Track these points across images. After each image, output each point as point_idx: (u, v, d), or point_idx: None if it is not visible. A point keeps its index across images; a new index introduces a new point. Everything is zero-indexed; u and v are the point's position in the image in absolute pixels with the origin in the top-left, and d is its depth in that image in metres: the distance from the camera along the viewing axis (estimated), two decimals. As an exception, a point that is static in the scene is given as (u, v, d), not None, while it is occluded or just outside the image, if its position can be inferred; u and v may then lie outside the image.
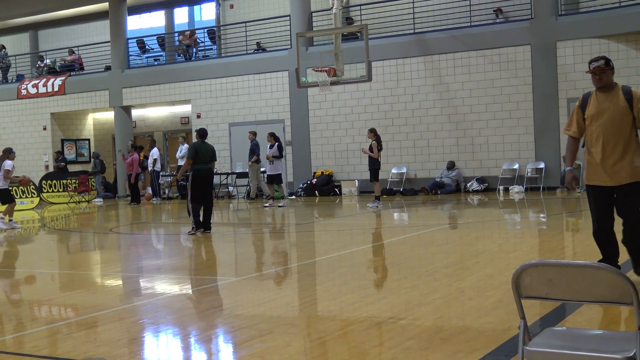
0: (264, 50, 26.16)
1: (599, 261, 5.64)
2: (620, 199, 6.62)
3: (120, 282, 9.08)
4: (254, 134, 21.28)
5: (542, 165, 20.65)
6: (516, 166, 20.88)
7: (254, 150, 21.00)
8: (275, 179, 19.57)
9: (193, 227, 13.18)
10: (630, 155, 6.54)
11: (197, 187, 13.18)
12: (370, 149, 17.47)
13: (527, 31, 20.85)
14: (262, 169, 21.86)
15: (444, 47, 21.96)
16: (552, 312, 5.76)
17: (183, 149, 24.64)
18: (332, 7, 19.39)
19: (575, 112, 6.80)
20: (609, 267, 3.09)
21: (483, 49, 21.48)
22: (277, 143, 19.41)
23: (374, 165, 17.50)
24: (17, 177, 16.69)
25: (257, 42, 26.43)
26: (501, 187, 21.04)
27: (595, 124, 6.61)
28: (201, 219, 13.24)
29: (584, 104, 6.75)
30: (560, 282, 3.20)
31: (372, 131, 17.71)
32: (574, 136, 6.81)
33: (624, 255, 7.00)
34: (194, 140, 13.95)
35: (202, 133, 13.58)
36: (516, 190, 20.45)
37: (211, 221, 13.48)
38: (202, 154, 13.18)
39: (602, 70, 6.63)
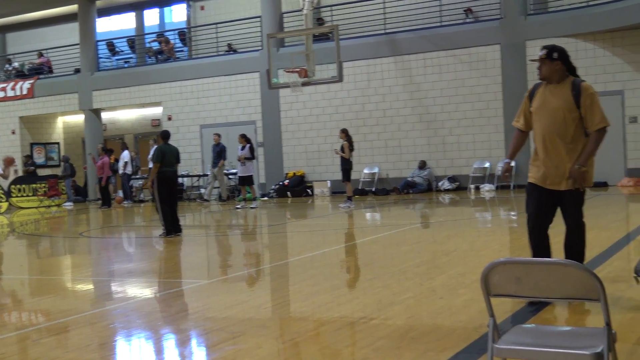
0: (235, 51, 26.08)
1: None
2: (563, 205, 6.09)
3: (90, 286, 9.00)
4: (219, 136, 21.27)
5: (512, 164, 20.74)
6: (487, 165, 21.02)
7: (221, 153, 20.99)
8: (246, 181, 19.50)
9: (164, 231, 13.13)
10: (575, 156, 5.89)
11: (163, 189, 13.12)
12: (342, 149, 17.51)
13: (497, 31, 21.00)
14: (225, 171, 21.88)
15: (414, 47, 22.04)
16: (522, 310, 5.79)
17: (153, 151, 24.52)
18: (302, 8, 19.39)
19: (523, 102, 6.22)
20: (576, 264, 3.11)
21: (453, 48, 21.61)
22: (248, 144, 19.36)
23: (346, 166, 17.55)
24: None
25: (228, 44, 26.34)
26: (472, 186, 21.17)
27: (539, 120, 6.02)
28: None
29: (532, 94, 6.15)
30: (529, 280, 3.22)
31: (344, 131, 17.76)
32: (520, 129, 6.21)
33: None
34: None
35: (166, 135, 13.57)
36: (487, 189, 20.59)
37: (180, 223, 13.45)
38: (168, 157, 13.14)
39: (541, 61, 5.98)
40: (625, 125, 19.99)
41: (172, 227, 13.16)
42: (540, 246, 6.17)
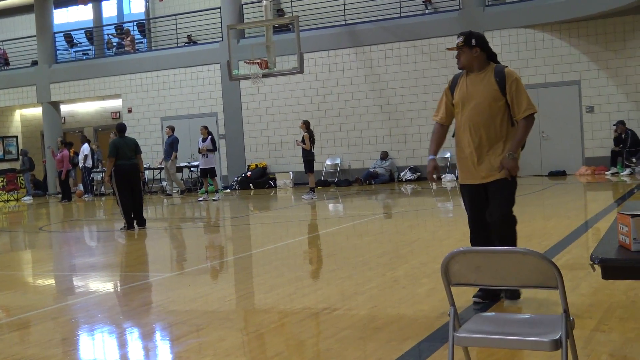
0: (195, 43, 25.92)
1: None
2: (491, 197, 5.67)
3: (51, 281, 8.91)
4: (172, 129, 21.15)
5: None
6: (448, 155, 21.17)
7: (173, 146, 20.87)
8: (209, 173, 19.41)
9: (125, 224, 13.07)
10: (502, 146, 5.59)
11: (122, 183, 13.07)
12: (303, 140, 17.53)
13: (456, 21, 21.13)
14: (194, 163, 21.77)
15: (374, 38, 22.11)
16: (483, 298, 5.86)
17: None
18: (262, -1, 19.33)
19: (444, 94, 5.87)
20: (534, 252, 3.16)
21: (413, 39, 21.72)
22: (210, 136, 19.27)
23: (308, 157, 17.57)
24: None
25: (188, 35, 26.17)
26: (434, 176, 21.30)
27: (462, 111, 5.68)
28: (133, 215, 13.15)
29: (453, 86, 5.81)
30: (488, 268, 3.26)
31: (305, 123, 17.78)
32: (441, 122, 5.86)
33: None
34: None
35: (120, 128, 13.48)
36: (448, 179, 20.75)
37: (144, 216, 13.38)
38: (123, 150, 13.06)
39: (460, 49, 5.67)
40: (583, 114, 20.29)
41: (137, 220, 13.13)
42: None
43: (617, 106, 19.97)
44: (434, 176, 5.86)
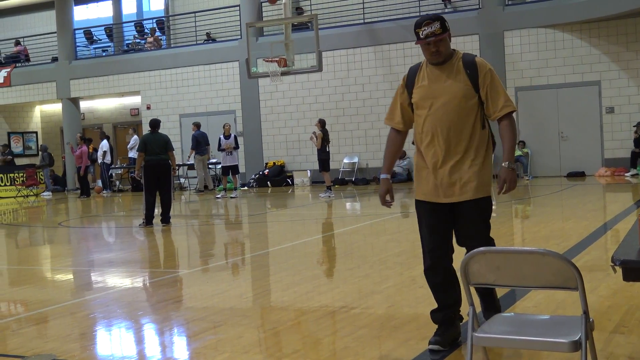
0: (214, 40, 25.98)
1: (433, 311, 4.78)
2: (462, 220, 4.59)
3: (70, 276, 8.97)
4: (198, 125, 21.21)
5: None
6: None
7: (201, 141, 20.89)
8: (231, 170, 19.51)
9: (144, 220, 13.12)
10: (477, 157, 4.56)
11: (148, 178, 13.10)
12: (316, 137, 17.60)
13: (475, 21, 21.06)
14: (213, 160, 21.80)
15: (393, 36, 22.07)
16: (502, 298, 5.84)
17: (132, 140, 24.45)
18: (282, -3, 19.34)
19: (398, 94, 4.77)
20: (554, 253, 3.15)
21: (432, 38, 21.61)
22: (232, 134, 19.36)
23: (322, 156, 17.64)
24: None
25: (207, 33, 26.23)
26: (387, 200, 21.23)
27: (425, 113, 4.59)
28: (157, 212, 13.24)
29: (410, 83, 4.71)
30: (508, 269, 3.26)
31: (320, 122, 17.84)
32: (397, 129, 4.77)
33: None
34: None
35: (152, 124, 13.49)
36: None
37: (170, 214, 13.43)
38: (151, 146, 13.08)
39: (439, 40, 4.59)
40: (602, 115, 20.16)
41: (162, 218, 13.20)
42: (446, 285, 4.72)
43: (638, 107, 19.83)
44: (387, 201, 4.77)
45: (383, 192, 4.75)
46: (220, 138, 19.46)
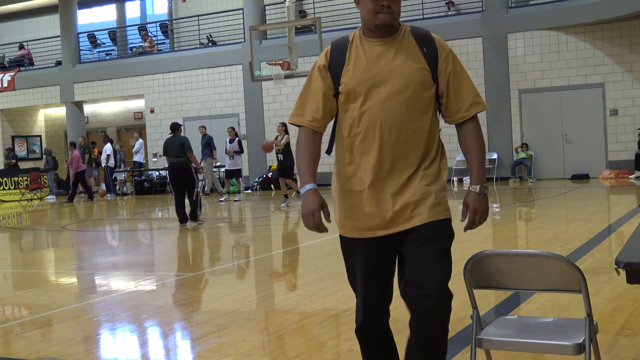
0: (214, 43, 25.99)
1: None
2: (412, 256, 3.22)
3: (74, 279, 8.98)
4: (205, 127, 21.20)
5: (494, 156, 20.88)
6: (458, 158, 21.10)
7: (210, 144, 20.87)
8: (234, 174, 19.52)
9: (179, 219, 13.47)
10: (431, 167, 3.26)
11: (171, 180, 13.61)
12: (281, 141, 16.75)
13: (479, 23, 21.06)
14: (217, 163, 21.80)
15: (397, 39, 22.02)
16: (505, 301, 5.84)
17: (138, 144, 24.49)
18: (285, 0, 19.36)
19: (315, 78, 3.30)
20: (558, 255, 3.14)
21: (436, 41, 21.62)
22: (237, 138, 19.36)
23: (289, 163, 16.66)
24: None
25: (207, 36, 26.20)
26: (455, 178, 21.25)
27: (359, 106, 3.20)
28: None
29: (336, 62, 3.26)
30: (511, 272, 3.25)
31: (283, 125, 17.02)
32: (312, 127, 3.29)
33: None
34: (167, 135, 14.30)
35: (172, 127, 13.81)
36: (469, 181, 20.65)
37: (198, 213, 13.59)
38: (169, 148, 13.33)
39: None
40: (606, 117, 20.13)
41: (190, 217, 13.49)
42: (384, 348, 3.53)
43: (642, 109, 19.81)
44: (320, 224, 3.26)
45: (313, 208, 3.17)
46: (226, 142, 19.51)
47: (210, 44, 26.03)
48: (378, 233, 3.25)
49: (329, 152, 3.38)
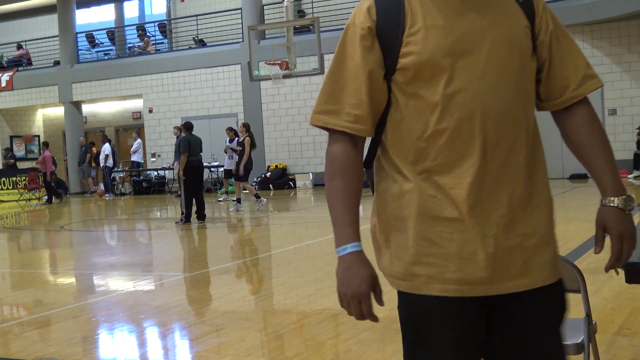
0: (204, 44, 25.95)
1: None
2: (520, 327, 2.02)
3: (72, 279, 8.97)
4: (180, 129, 21.13)
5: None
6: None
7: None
8: (230, 174, 19.46)
9: (182, 218, 13.52)
10: (541, 182, 2.07)
11: (190, 178, 13.51)
12: (242, 144, 16.32)
13: (477, 23, 21.04)
14: (215, 163, 21.83)
15: (395, 39, 22.03)
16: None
17: (136, 144, 24.48)
18: (283, 0, 19.35)
19: (347, 51, 2.06)
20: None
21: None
22: (237, 138, 19.32)
23: (249, 165, 16.31)
24: None
25: (194, 37, 26.16)
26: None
27: (446, 86, 1.90)
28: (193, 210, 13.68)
29: (389, 23, 1.94)
30: (510, 271, 3.24)
31: (245, 125, 16.70)
32: (354, 132, 2.01)
33: None
34: (181, 134, 14.30)
35: (189, 126, 13.89)
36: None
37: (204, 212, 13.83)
38: (194, 146, 13.50)
39: None
40: (605, 117, 20.14)
41: (198, 215, 13.63)
42: None
43: (640, 109, 19.82)
44: (370, 311, 2.10)
45: (361, 290, 2.06)
46: (226, 142, 19.49)
47: (198, 44, 25.96)
48: (480, 290, 1.95)
49: (367, 166, 2.18)
